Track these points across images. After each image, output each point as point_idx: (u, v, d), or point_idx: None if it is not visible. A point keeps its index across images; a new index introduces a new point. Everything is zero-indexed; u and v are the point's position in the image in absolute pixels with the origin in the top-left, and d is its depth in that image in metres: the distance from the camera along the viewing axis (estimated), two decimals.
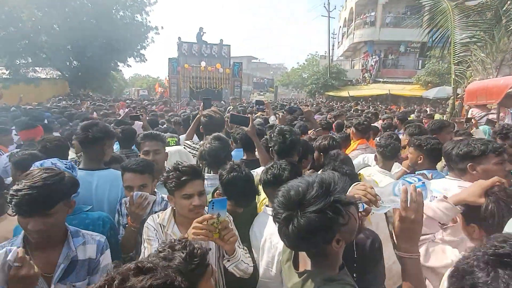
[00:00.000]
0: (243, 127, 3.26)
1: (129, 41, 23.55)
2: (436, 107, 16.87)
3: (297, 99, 31.23)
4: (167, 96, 23.17)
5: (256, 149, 2.90)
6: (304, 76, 33.02)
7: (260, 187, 1.99)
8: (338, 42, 33.38)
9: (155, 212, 2.10)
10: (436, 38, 8.98)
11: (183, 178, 1.63)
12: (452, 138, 3.65)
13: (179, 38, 17.29)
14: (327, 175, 1.07)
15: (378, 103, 18.90)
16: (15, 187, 1.34)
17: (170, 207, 1.84)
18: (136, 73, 52.38)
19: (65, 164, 1.76)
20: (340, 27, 32.77)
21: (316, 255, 1.12)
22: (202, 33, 17.50)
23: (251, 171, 2.56)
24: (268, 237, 1.73)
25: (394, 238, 1.15)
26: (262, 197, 2.15)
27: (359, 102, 16.06)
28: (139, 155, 2.61)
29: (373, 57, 24.53)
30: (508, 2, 7.45)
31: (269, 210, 1.80)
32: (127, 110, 9.09)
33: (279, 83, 41.01)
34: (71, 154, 3.35)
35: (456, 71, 8.50)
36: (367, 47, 25.85)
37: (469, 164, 1.87)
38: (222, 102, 14.84)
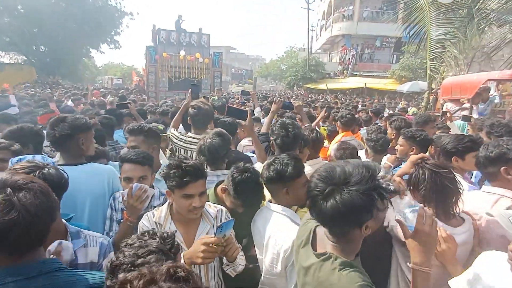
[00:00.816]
0: (240, 121, 3.19)
1: (102, 26, 22.49)
2: (409, 101, 17.57)
3: (275, 91, 31.34)
4: (143, 85, 22.42)
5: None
6: (282, 68, 33.12)
7: None
8: (317, 35, 33.66)
9: (154, 207, 2.04)
10: (413, 33, 9.28)
11: (186, 179, 1.57)
12: (435, 132, 3.81)
13: (154, 25, 16.56)
14: (371, 163, 1.13)
15: (355, 96, 19.39)
16: None
17: (167, 203, 1.78)
18: (110, 61, 50.01)
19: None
20: (319, 20, 33.01)
21: (341, 237, 1.14)
22: (181, 21, 16.92)
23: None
24: (273, 234, 1.69)
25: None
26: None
27: (337, 95, 16.36)
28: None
29: (351, 50, 25.00)
30: (480, 1, 7.83)
31: (274, 206, 1.77)
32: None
33: (257, 74, 40.87)
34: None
35: (431, 66, 8.88)
36: (344, 41, 26.27)
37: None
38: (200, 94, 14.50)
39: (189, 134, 3.03)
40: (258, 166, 2.59)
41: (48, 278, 1.00)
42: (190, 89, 3.73)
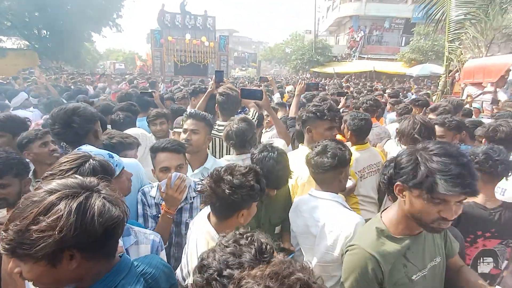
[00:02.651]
0: (256, 101, 3.10)
1: (104, 9, 21.94)
2: (418, 85, 17.20)
3: (280, 75, 30.83)
4: (146, 70, 22.07)
5: None
6: (287, 51, 32.43)
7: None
8: (323, 17, 32.79)
9: (193, 198, 1.96)
10: (431, 14, 8.91)
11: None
12: None
13: (163, 5, 16.03)
14: None
15: (363, 80, 19.00)
16: None
17: None
18: (110, 47, 48.94)
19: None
20: (325, 0, 32.07)
21: None
22: (185, 2, 16.47)
23: None
24: (328, 221, 1.66)
25: None
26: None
27: (348, 78, 16.02)
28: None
29: (359, 32, 24.37)
30: None
31: (322, 194, 1.75)
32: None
33: (261, 58, 40.06)
34: None
35: (449, 48, 8.57)
36: (352, 22, 25.57)
37: None
38: (209, 79, 14.29)
39: (218, 122, 2.97)
40: (281, 144, 2.67)
41: (137, 268, 1.02)
42: (214, 76, 3.62)
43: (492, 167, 1.67)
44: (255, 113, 3.19)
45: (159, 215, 1.87)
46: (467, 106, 5.38)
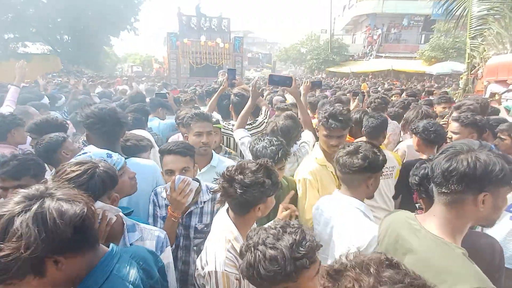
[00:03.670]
0: (285, 87, 3.06)
1: (122, 13, 22.51)
2: (439, 83, 16.65)
3: (295, 75, 30.56)
4: (163, 72, 22.48)
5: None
6: (302, 51, 32.16)
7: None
8: (339, 15, 32.36)
9: (204, 202, 1.93)
10: (451, 10, 8.61)
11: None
12: None
13: (179, 8, 16.30)
14: None
15: (381, 79, 18.57)
16: None
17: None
18: (128, 51, 49.78)
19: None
20: None
21: None
22: (200, 5, 16.69)
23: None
24: (345, 228, 1.61)
25: None
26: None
27: (366, 78, 15.70)
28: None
29: (376, 30, 23.87)
30: None
31: (347, 199, 1.65)
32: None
33: (276, 58, 39.87)
34: None
35: (471, 45, 8.25)
36: (369, 21, 25.09)
37: None
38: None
39: (233, 122, 2.99)
40: (310, 135, 2.70)
41: (126, 254, 1.07)
42: (226, 74, 3.63)
43: (427, 135, 2.34)
44: (267, 112, 3.17)
45: None
46: (496, 105, 5.10)
